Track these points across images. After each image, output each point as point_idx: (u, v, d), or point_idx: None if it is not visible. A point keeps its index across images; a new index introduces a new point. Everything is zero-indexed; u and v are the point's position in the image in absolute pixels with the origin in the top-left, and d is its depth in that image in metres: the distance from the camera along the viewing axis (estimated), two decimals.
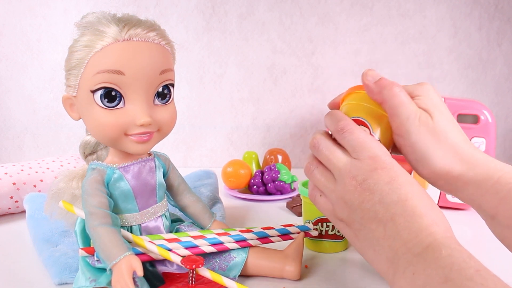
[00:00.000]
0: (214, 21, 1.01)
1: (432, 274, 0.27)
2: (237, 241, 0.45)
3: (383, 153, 0.34)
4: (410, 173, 0.41)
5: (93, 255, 0.40)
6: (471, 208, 0.71)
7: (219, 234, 0.45)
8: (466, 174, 0.35)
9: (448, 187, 0.36)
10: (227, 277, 0.41)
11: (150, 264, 0.43)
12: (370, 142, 0.34)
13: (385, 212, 0.31)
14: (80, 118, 0.41)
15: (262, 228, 0.48)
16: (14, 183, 0.66)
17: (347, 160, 0.35)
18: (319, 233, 0.52)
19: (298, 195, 0.75)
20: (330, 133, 0.39)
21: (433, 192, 0.71)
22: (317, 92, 1.06)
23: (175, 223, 0.49)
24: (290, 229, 0.48)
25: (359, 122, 0.38)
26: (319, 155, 0.37)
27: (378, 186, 0.32)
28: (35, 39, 1.00)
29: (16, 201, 0.66)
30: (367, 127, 0.38)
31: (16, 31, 0.99)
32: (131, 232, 0.42)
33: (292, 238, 0.48)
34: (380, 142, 0.38)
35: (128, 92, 0.38)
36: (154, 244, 0.41)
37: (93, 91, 0.37)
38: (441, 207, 0.72)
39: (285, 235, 0.48)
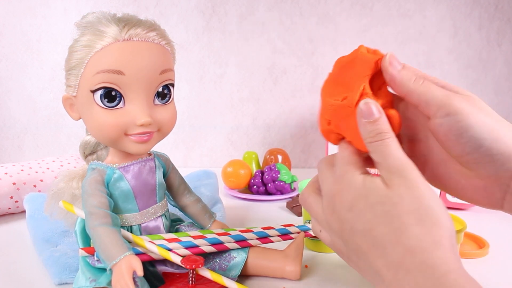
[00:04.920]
0: (214, 21, 1.01)
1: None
2: (237, 241, 0.45)
3: (347, 171, 0.30)
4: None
5: (93, 255, 0.40)
6: (471, 208, 0.72)
7: (219, 234, 0.45)
8: None
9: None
10: (227, 277, 0.41)
11: (150, 264, 0.43)
12: (343, 160, 0.31)
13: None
14: (80, 118, 0.41)
15: (262, 228, 0.48)
16: (14, 183, 0.66)
17: (332, 180, 0.32)
18: None
19: (298, 195, 0.75)
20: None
21: None
22: (317, 92, 1.06)
23: (175, 223, 0.49)
24: (290, 229, 0.48)
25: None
26: (319, 176, 0.34)
27: (343, 214, 0.30)
28: (35, 39, 1.00)
29: (16, 201, 0.66)
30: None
31: (16, 31, 0.99)
32: (131, 232, 0.42)
33: (292, 238, 0.48)
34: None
35: (128, 92, 0.38)
36: (154, 244, 0.41)
37: (93, 91, 0.37)
38: None
39: (285, 235, 0.48)
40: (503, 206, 0.30)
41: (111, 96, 0.38)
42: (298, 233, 0.48)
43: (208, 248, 0.44)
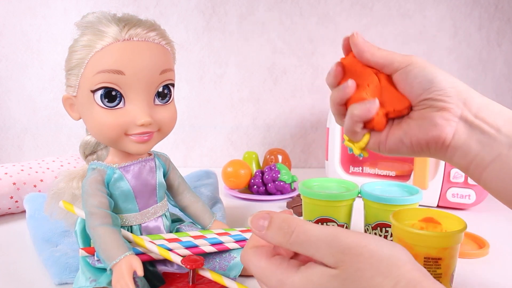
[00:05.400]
0: (214, 21, 1.01)
1: None
2: (237, 241, 0.45)
3: (283, 281, 0.27)
4: None
5: (93, 255, 0.40)
6: (471, 208, 0.72)
7: (219, 234, 0.45)
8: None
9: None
10: (228, 277, 0.41)
11: (150, 264, 0.43)
12: (265, 274, 0.28)
13: None
14: (80, 118, 0.41)
15: None
16: (14, 183, 0.66)
17: None
18: None
19: (298, 195, 0.75)
20: None
21: (433, 192, 0.71)
22: (317, 92, 1.06)
23: (175, 223, 0.49)
24: None
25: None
26: None
27: None
28: (35, 39, 1.00)
29: (16, 201, 0.66)
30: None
31: (16, 31, 0.99)
32: (131, 232, 0.42)
33: None
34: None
35: (128, 92, 0.38)
36: (155, 244, 0.41)
37: (93, 91, 0.37)
38: (441, 207, 0.71)
39: None
40: (454, 135, 0.34)
41: (111, 96, 0.38)
42: None
43: (208, 248, 0.44)
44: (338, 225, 0.52)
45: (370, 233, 0.53)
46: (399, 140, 0.37)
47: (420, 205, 0.55)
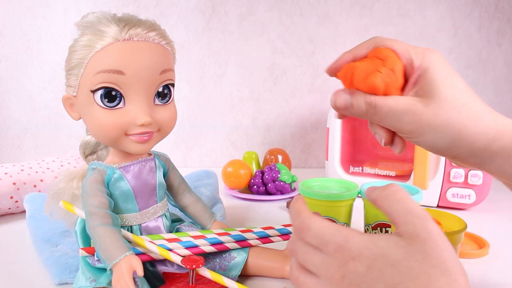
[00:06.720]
0: (214, 21, 1.01)
1: None
2: (237, 241, 0.45)
3: (348, 239, 0.29)
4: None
5: (93, 255, 0.40)
6: (471, 208, 0.72)
7: (219, 234, 0.45)
8: (493, 144, 0.33)
9: (473, 160, 0.34)
10: (227, 277, 0.41)
11: (150, 264, 0.43)
12: (330, 232, 0.30)
13: None
14: (80, 118, 0.41)
15: (262, 228, 0.48)
16: (14, 183, 0.66)
17: (321, 258, 0.30)
18: None
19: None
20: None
21: (433, 192, 0.71)
22: (317, 92, 1.06)
23: (175, 223, 0.49)
24: (290, 229, 0.48)
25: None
26: (298, 260, 0.33)
27: (358, 279, 0.28)
28: (35, 39, 1.00)
29: (16, 201, 0.66)
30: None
31: (16, 31, 0.99)
32: (131, 232, 0.42)
33: None
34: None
35: (128, 92, 0.38)
36: (155, 244, 0.41)
37: (93, 91, 0.37)
38: (441, 207, 0.71)
39: (285, 235, 0.48)
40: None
41: (111, 96, 0.38)
42: None
43: (208, 248, 0.44)
44: None
45: (370, 233, 0.53)
46: None
47: (420, 205, 0.55)
